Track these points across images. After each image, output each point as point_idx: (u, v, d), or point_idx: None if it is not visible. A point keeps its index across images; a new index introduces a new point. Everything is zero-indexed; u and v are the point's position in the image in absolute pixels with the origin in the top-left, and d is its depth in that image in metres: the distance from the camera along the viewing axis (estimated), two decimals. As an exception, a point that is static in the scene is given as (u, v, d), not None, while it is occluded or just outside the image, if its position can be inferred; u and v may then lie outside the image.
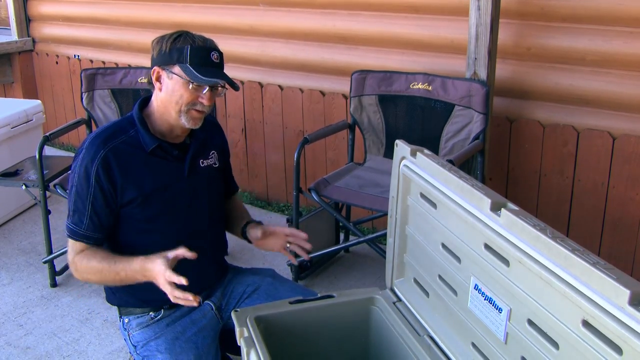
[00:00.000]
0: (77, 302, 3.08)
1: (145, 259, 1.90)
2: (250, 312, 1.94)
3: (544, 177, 3.07)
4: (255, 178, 4.23)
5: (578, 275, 1.21)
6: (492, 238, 1.45)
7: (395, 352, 1.96)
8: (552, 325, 1.32)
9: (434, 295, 1.84)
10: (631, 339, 1.08)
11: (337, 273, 3.29)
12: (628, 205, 2.85)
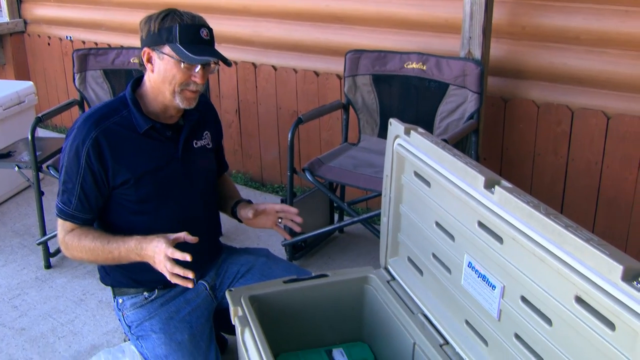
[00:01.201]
0: (71, 284, 3.07)
1: (142, 238, 1.90)
2: (245, 292, 1.95)
3: (538, 156, 3.07)
4: (249, 159, 4.22)
5: (571, 251, 1.21)
6: (486, 215, 1.45)
7: (389, 330, 1.96)
8: (545, 302, 1.32)
9: (427, 274, 1.84)
10: (624, 314, 1.09)
11: (331, 253, 3.29)
12: (622, 184, 2.85)
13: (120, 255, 1.94)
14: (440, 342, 1.72)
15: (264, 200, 3.93)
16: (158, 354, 2.02)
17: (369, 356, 2.11)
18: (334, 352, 2.11)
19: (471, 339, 1.64)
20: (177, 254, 1.80)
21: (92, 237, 1.96)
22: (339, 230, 3.48)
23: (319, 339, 2.14)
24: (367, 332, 2.15)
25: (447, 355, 1.67)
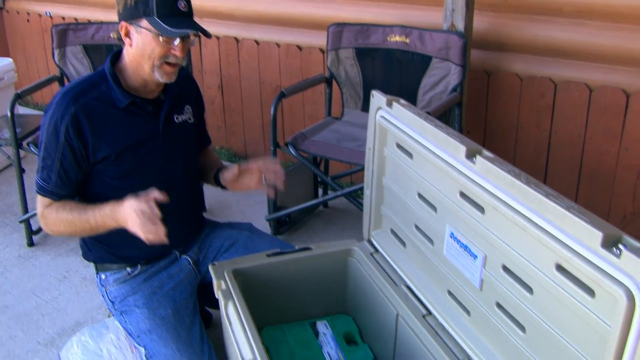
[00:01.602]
0: (55, 261, 3.06)
1: (116, 203, 1.87)
2: (228, 265, 1.95)
3: (522, 129, 3.07)
4: (232, 135, 4.20)
5: (552, 219, 1.21)
6: (468, 185, 1.45)
7: (372, 302, 1.97)
8: (526, 271, 1.33)
9: (410, 245, 1.85)
10: (603, 280, 1.09)
11: (316, 228, 3.30)
12: (604, 156, 2.86)
13: (97, 223, 1.91)
14: (423, 312, 1.73)
15: (248, 175, 3.91)
16: (142, 328, 2.02)
17: (352, 328, 2.12)
18: (318, 325, 2.12)
19: (453, 308, 1.65)
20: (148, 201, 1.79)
21: (70, 209, 1.95)
22: (323, 205, 3.48)
23: (303, 312, 2.15)
24: (351, 305, 2.16)
25: (430, 325, 1.68)
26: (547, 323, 1.29)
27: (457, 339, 1.60)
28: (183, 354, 1.97)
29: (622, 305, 1.05)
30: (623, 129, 2.77)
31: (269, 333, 2.08)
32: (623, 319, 1.06)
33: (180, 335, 2.00)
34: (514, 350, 1.41)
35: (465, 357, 1.56)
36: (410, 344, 1.75)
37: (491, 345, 1.51)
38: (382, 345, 1.97)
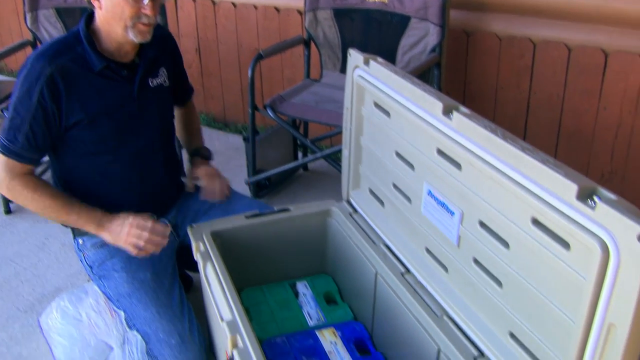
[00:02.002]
0: (33, 228, 3.03)
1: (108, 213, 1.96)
2: (206, 227, 1.94)
3: (501, 90, 3.07)
4: (211, 99, 4.16)
5: (528, 173, 1.21)
6: (445, 142, 1.45)
7: (351, 261, 1.98)
8: (502, 225, 1.33)
9: (388, 204, 1.85)
10: (578, 233, 1.10)
11: (295, 191, 3.29)
12: (583, 116, 2.87)
13: (78, 221, 1.95)
14: (402, 270, 1.73)
15: (227, 140, 3.89)
16: (121, 292, 2.01)
17: (332, 288, 2.13)
18: (298, 285, 2.13)
19: (432, 266, 1.65)
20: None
21: (51, 195, 1.94)
22: (303, 168, 3.47)
23: (283, 273, 2.15)
24: (331, 265, 2.17)
25: (409, 283, 1.69)
26: (523, 277, 1.30)
27: (435, 296, 1.61)
28: (163, 317, 1.97)
29: (596, 257, 1.06)
30: (601, 88, 2.77)
31: (249, 294, 2.08)
32: (597, 271, 1.06)
33: (160, 298, 2.00)
34: (491, 304, 1.42)
35: (443, 313, 1.57)
36: (389, 302, 1.76)
37: (469, 301, 1.52)
38: (361, 304, 1.98)
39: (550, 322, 1.24)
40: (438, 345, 1.53)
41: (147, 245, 1.92)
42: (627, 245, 1.01)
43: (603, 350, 1.09)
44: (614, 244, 1.03)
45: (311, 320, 1.99)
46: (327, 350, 1.85)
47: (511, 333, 1.37)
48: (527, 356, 1.33)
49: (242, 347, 1.48)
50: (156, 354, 1.96)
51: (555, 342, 1.24)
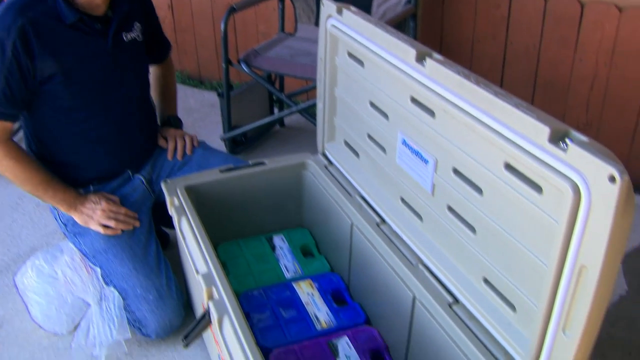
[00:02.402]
0: (6, 189, 2.98)
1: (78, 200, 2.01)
2: (180, 182, 1.92)
3: (477, 42, 3.05)
4: (185, 55, 4.09)
5: (500, 118, 1.20)
6: (418, 89, 1.43)
7: (327, 214, 1.97)
8: (476, 172, 1.33)
9: (364, 155, 1.84)
10: (551, 176, 1.09)
11: (272, 147, 3.27)
12: (559, 66, 2.86)
13: (52, 199, 1.99)
14: (377, 221, 1.73)
15: (202, 97, 3.84)
16: (97, 248, 2.00)
17: (309, 240, 2.13)
18: (275, 239, 2.12)
19: (407, 215, 1.65)
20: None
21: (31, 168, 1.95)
22: (279, 125, 3.44)
23: (260, 227, 2.14)
24: (307, 218, 2.17)
25: (384, 233, 1.69)
26: (496, 223, 1.30)
27: (411, 245, 1.61)
28: (139, 272, 1.96)
29: (568, 200, 1.06)
30: (577, 39, 2.76)
31: (226, 248, 2.08)
32: (569, 213, 1.07)
33: (136, 253, 1.99)
34: (465, 251, 1.43)
35: (418, 261, 1.58)
36: (365, 253, 1.76)
37: (443, 249, 1.52)
38: (338, 256, 1.99)
39: (523, 267, 1.25)
40: (413, 293, 1.54)
41: (117, 227, 1.98)
42: (599, 186, 1.01)
43: (575, 292, 1.10)
44: (585, 186, 1.03)
45: (288, 273, 2.00)
46: (304, 301, 1.86)
47: (485, 279, 1.38)
48: (500, 301, 1.34)
49: (217, 299, 1.48)
50: (134, 309, 1.96)
51: (528, 286, 1.25)
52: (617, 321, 2.14)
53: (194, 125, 3.45)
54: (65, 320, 2.08)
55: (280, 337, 1.74)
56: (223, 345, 1.42)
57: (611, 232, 1.00)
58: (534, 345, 1.22)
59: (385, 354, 1.72)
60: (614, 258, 1.04)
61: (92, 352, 1.98)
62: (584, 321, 1.09)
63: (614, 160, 0.99)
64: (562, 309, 1.14)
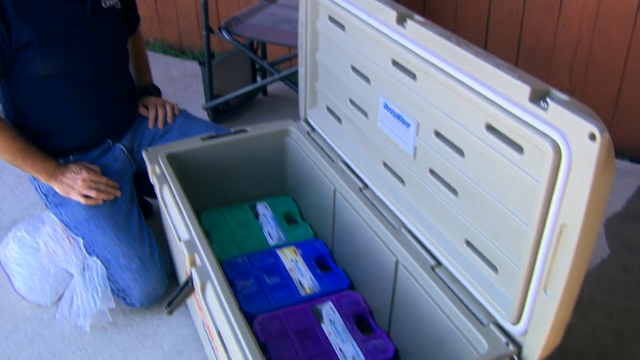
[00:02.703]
0: (-14, 161, 2.95)
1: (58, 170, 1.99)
2: (162, 150, 1.90)
3: (460, 8, 3.02)
4: (166, 25, 4.03)
5: (481, 78, 1.20)
6: (399, 52, 1.42)
7: (310, 180, 1.97)
8: (457, 134, 1.32)
9: (346, 121, 1.83)
10: (531, 135, 1.09)
11: (255, 116, 3.24)
12: (542, 32, 2.85)
13: (31, 168, 1.96)
14: (360, 186, 1.73)
15: (183, 67, 3.80)
16: (78, 219, 1.98)
17: (292, 208, 2.13)
18: (258, 206, 2.12)
19: (389, 179, 1.65)
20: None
21: (10, 137, 1.92)
22: (262, 93, 3.41)
23: (243, 195, 2.14)
24: (290, 185, 2.16)
25: (367, 198, 1.69)
26: (477, 184, 1.30)
27: (393, 209, 1.61)
28: (122, 241, 1.95)
29: (548, 159, 1.06)
30: (561, 4, 2.75)
31: (209, 216, 2.07)
32: (549, 173, 1.06)
33: (119, 223, 1.98)
34: (447, 214, 1.43)
35: (401, 225, 1.58)
36: (348, 218, 1.76)
37: (426, 212, 1.52)
38: (321, 222, 1.98)
39: (504, 228, 1.25)
40: (396, 257, 1.54)
41: (98, 197, 1.97)
42: (579, 144, 1.00)
43: (555, 251, 1.10)
44: (566, 145, 1.03)
45: (272, 240, 1.99)
46: (287, 267, 1.85)
47: (467, 241, 1.39)
48: (482, 262, 1.34)
49: (200, 265, 1.47)
50: (117, 278, 1.96)
51: (509, 247, 1.26)
52: (599, 284, 2.16)
53: (175, 95, 3.41)
54: (48, 291, 2.07)
55: (264, 304, 1.74)
56: (206, 311, 1.42)
57: (591, 190, 1.00)
58: (516, 305, 1.23)
59: (369, 318, 1.73)
60: (595, 216, 1.04)
61: (76, 322, 1.98)
62: (564, 280, 1.10)
63: (594, 118, 0.99)
64: (543, 269, 1.14)
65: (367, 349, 1.62)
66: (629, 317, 2.02)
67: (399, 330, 1.63)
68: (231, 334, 1.29)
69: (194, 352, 1.90)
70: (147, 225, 2.07)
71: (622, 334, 1.97)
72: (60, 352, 1.92)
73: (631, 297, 2.10)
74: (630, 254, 2.30)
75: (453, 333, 1.37)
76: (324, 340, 1.64)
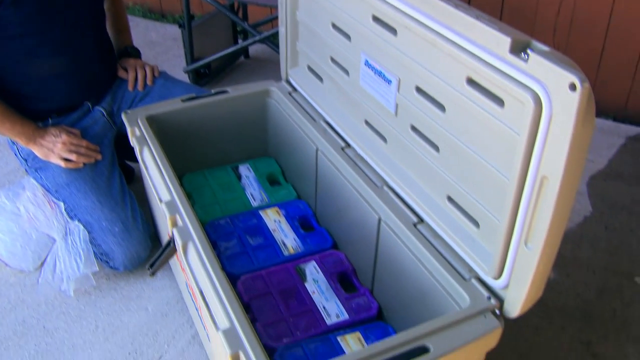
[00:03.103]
0: (-35, 128, 2.91)
1: (39, 130, 1.96)
2: (141, 112, 1.88)
3: (443, -33, 2.99)
4: (146, -11, 3.98)
5: (462, 31, 1.18)
6: (379, 7, 1.40)
7: (293, 141, 1.95)
8: (438, 89, 1.31)
9: (327, 80, 1.81)
10: (512, 87, 1.08)
11: (237, 79, 3.21)
12: (526, -8, 2.84)
13: (10, 131, 1.93)
14: (342, 145, 1.72)
15: (164, 31, 3.75)
16: (59, 182, 1.97)
17: (275, 169, 2.11)
18: (241, 168, 2.10)
19: (371, 138, 1.64)
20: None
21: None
22: (244, 56, 3.38)
23: (225, 157, 2.12)
24: (273, 147, 2.14)
25: (349, 156, 1.68)
26: (459, 139, 1.29)
27: (375, 167, 1.61)
28: (104, 205, 1.94)
29: (529, 110, 1.05)
30: (544, -39, 2.73)
31: (191, 179, 2.05)
32: (530, 124, 1.06)
33: (100, 186, 1.96)
34: (429, 171, 1.42)
35: (383, 183, 1.57)
36: (331, 178, 1.75)
37: (408, 169, 1.52)
38: (304, 183, 1.98)
39: (485, 182, 1.25)
40: (379, 215, 1.54)
41: (79, 160, 1.95)
42: (559, 95, 1.00)
43: (536, 203, 1.10)
44: (546, 96, 1.02)
45: (254, 201, 1.98)
46: (271, 228, 1.85)
47: (449, 197, 1.38)
48: (464, 218, 1.34)
49: (181, 226, 1.47)
50: (100, 242, 1.95)
51: (490, 201, 1.26)
52: (581, 241, 2.17)
53: (156, 58, 3.37)
54: (31, 257, 2.06)
55: (248, 264, 1.74)
56: (189, 271, 1.41)
57: (572, 140, 1.00)
58: (497, 259, 1.23)
59: (353, 276, 1.73)
60: (575, 167, 1.04)
61: (59, 286, 1.97)
62: (545, 232, 1.10)
63: (574, 69, 0.98)
64: (523, 222, 1.14)
65: (351, 306, 1.63)
66: (611, 274, 2.05)
67: (382, 288, 1.64)
68: (214, 293, 1.29)
69: (178, 313, 1.90)
70: (129, 189, 2.05)
71: (604, 291, 1.99)
72: (44, 317, 1.92)
73: (613, 254, 2.12)
74: (612, 212, 2.31)
75: (435, 288, 1.37)
76: (307, 299, 1.64)
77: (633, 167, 2.55)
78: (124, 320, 1.90)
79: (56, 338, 1.85)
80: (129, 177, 2.38)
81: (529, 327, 1.84)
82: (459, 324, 1.22)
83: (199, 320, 1.65)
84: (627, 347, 1.80)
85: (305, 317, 1.59)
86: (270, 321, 1.57)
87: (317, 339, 1.53)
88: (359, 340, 1.53)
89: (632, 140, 2.73)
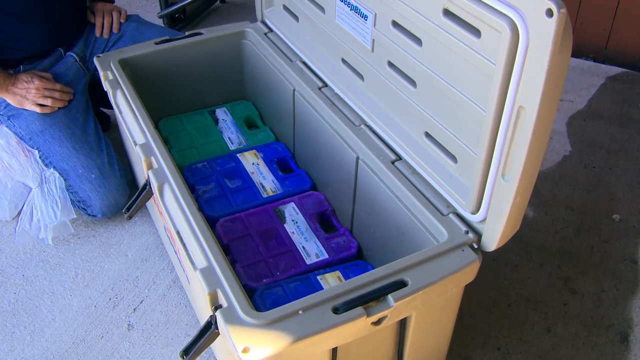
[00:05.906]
0: None
1: (9, 77, 1.91)
2: (114, 55, 1.84)
3: None
4: None
5: (437, -40, 1.15)
6: (354, -62, 1.36)
7: (269, 82, 1.93)
8: (414, 22, 1.29)
9: (303, 18, 1.77)
10: (488, 16, 1.06)
11: (213, 23, 3.11)
12: None
13: None
14: (319, 84, 1.69)
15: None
16: (33, 130, 1.93)
17: (252, 112, 2.09)
18: (217, 112, 2.07)
19: (348, 76, 1.61)
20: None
21: None
22: (220, 0, 3.30)
23: (202, 101, 2.09)
24: (250, 89, 2.11)
25: (326, 96, 1.65)
26: (436, 73, 1.27)
27: (353, 106, 1.59)
28: (80, 152, 1.91)
29: (506, 39, 1.03)
30: None
31: (167, 123, 2.02)
32: (507, 54, 1.04)
33: (75, 133, 1.93)
34: (407, 107, 1.41)
35: (361, 122, 1.56)
36: (308, 118, 1.73)
37: (385, 107, 1.50)
38: (282, 125, 1.95)
39: (463, 116, 1.24)
40: (357, 154, 1.53)
41: (54, 105, 1.92)
42: (536, 22, 0.97)
43: (513, 134, 1.09)
44: (523, 23, 1.00)
45: (232, 145, 1.96)
46: (249, 171, 1.83)
47: (426, 133, 1.37)
48: (442, 153, 1.33)
49: (157, 168, 1.45)
50: (76, 189, 1.92)
51: (468, 135, 1.25)
52: (560, 180, 2.18)
53: (130, 3, 3.29)
54: (7, 206, 2.03)
55: (226, 207, 1.73)
56: (166, 214, 1.40)
57: (548, 69, 0.98)
58: (475, 194, 1.23)
59: (332, 217, 1.72)
60: (552, 97, 1.02)
61: (37, 235, 1.95)
62: (522, 163, 1.09)
63: (551, -6, 0.96)
64: (500, 154, 1.14)
65: (331, 246, 1.62)
66: (589, 211, 2.06)
67: (361, 227, 1.64)
68: (190, 233, 1.28)
69: (158, 258, 1.89)
70: (105, 135, 2.02)
71: (582, 227, 2.00)
72: (23, 266, 1.90)
73: (591, 191, 2.14)
74: (591, 151, 2.32)
75: (414, 225, 1.37)
76: (287, 239, 1.63)
77: (612, 106, 2.55)
78: (103, 266, 1.89)
79: (36, 286, 1.84)
80: (105, 125, 2.35)
81: (508, 264, 1.86)
82: (437, 258, 1.22)
83: (179, 264, 1.64)
84: (604, 282, 1.83)
85: (285, 257, 1.59)
86: (250, 262, 1.57)
87: (297, 278, 1.53)
88: (338, 279, 1.54)
89: (611, 80, 2.72)
